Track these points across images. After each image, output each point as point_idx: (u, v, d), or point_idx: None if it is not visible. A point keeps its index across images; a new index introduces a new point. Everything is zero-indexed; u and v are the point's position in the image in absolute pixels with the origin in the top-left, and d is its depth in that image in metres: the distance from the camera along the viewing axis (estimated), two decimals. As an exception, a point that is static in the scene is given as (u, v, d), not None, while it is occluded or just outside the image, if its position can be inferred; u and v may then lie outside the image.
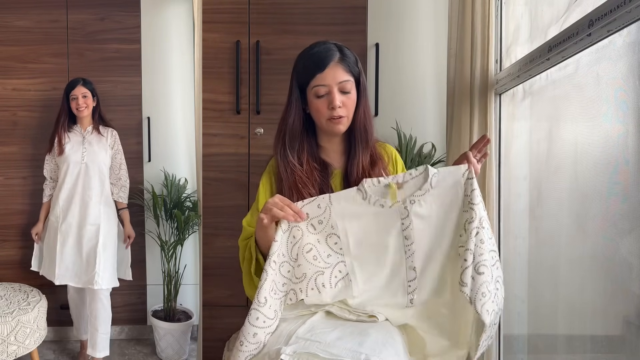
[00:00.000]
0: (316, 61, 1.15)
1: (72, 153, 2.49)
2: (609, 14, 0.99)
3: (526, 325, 1.63)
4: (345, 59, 1.16)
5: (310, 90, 1.17)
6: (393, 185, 1.10)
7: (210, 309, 2.12)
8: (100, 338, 2.48)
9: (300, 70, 1.19)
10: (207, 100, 2.08)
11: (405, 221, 1.10)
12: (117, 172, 2.59)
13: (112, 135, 2.58)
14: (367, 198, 1.11)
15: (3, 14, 2.77)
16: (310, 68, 1.15)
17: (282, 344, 1.02)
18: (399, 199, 1.10)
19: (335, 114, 1.15)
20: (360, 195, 1.11)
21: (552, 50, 1.25)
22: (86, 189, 2.48)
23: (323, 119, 1.18)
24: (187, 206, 2.76)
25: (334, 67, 1.14)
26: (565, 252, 1.42)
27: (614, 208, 1.17)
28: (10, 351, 2.13)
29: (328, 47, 1.17)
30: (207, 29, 2.07)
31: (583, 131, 1.30)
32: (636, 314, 1.10)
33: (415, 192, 1.10)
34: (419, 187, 1.10)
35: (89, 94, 2.50)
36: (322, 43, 1.19)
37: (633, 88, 1.07)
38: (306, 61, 1.18)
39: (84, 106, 2.48)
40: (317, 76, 1.15)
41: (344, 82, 1.15)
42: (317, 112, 1.18)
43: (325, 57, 1.15)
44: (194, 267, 2.93)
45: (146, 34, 2.87)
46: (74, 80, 2.50)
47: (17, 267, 2.82)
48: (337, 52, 1.16)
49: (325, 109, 1.16)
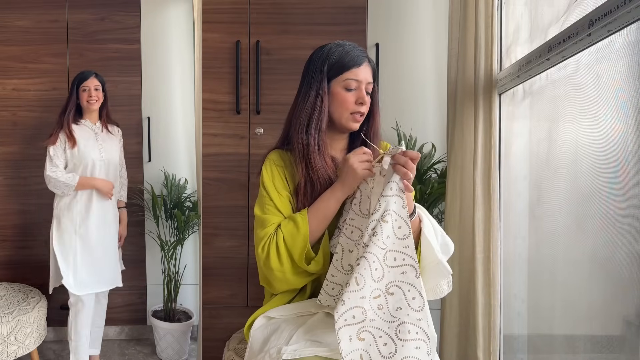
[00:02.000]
0: (354, 56, 1.19)
1: (89, 150, 2.36)
2: (609, 14, 0.99)
3: (526, 325, 1.63)
4: (370, 65, 1.22)
5: (340, 82, 1.19)
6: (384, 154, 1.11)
7: (210, 309, 2.12)
8: (97, 337, 2.49)
9: (335, 61, 1.20)
10: (207, 100, 2.08)
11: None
12: (120, 170, 2.56)
13: (118, 132, 2.56)
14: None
15: (3, 14, 2.77)
16: (347, 60, 1.19)
17: (283, 343, 1.02)
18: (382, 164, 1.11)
19: (362, 109, 1.20)
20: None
21: (552, 50, 1.25)
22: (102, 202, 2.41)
23: (346, 113, 1.20)
24: (187, 206, 2.76)
25: (366, 67, 1.20)
26: (565, 252, 1.42)
27: (614, 208, 1.17)
28: (10, 351, 2.14)
29: (361, 48, 1.23)
30: (207, 29, 2.07)
31: (583, 131, 1.30)
32: (636, 314, 1.11)
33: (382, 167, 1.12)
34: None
35: (100, 87, 2.42)
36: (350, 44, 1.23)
37: (633, 88, 1.07)
38: (343, 54, 1.20)
39: (96, 99, 2.38)
40: (353, 70, 1.18)
41: (370, 84, 1.21)
42: (342, 105, 1.20)
43: (361, 56, 1.20)
44: (194, 267, 2.93)
45: (146, 34, 2.87)
46: (86, 72, 2.41)
47: (17, 267, 2.82)
48: (365, 57, 1.22)
49: (352, 103, 1.19)
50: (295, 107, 1.24)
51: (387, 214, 1.01)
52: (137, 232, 2.87)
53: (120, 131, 2.59)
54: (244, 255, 2.12)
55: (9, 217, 2.83)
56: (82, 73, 2.41)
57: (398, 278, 1.00)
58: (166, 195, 2.76)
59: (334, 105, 1.21)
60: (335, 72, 1.20)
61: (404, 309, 0.98)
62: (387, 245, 1.01)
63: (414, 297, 0.99)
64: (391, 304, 0.99)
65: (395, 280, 1.00)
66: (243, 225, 2.12)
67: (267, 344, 1.08)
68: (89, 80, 2.38)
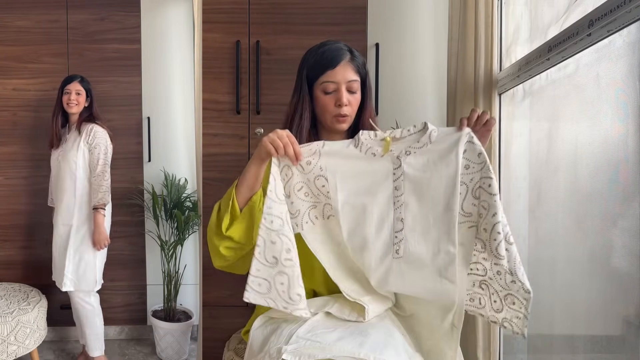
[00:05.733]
0: (328, 58, 1.17)
1: (54, 152, 2.50)
2: (609, 14, 0.99)
3: (526, 325, 1.63)
4: (354, 60, 1.19)
5: (319, 86, 1.19)
6: (388, 139, 1.10)
7: (210, 309, 2.11)
8: (90, 339, 2.47)
9: (311, 65, 1.20)
10: (207, 100, 2.08)
11: (397, 171, 1.10)
12: (94, 170, 2.39)
13: (91, 131, 2.40)
14: (359, 146, 1.11)
15: (3, 14, 2.77)
16: (322, 64, 1.17)
17: (283, 343, 1.02)
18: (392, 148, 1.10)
19: (342, 111, 1.17)
20: (353, 143, 1.11)
21: (552, 50, 1.25)
22: (58, 189, 2.44)
23: (329, 116, 1.19)
24: (187, 206, 2.76)
25: (345, 66, 1.17)
26: (565, 252, 1.42)
27: (614, 208, 1.17)
28: (10, 351, 2.14)
29: (339, 46, 1.20)
30: (207, 29, 2.07)
31: (583, 131, 1.30)
32: (636, 314, 1.11)
33: (412, 144, 1.10)
34: (417, 140, 1.10)
35: (82, 92, 2.44)
36: (333, 42, 1.21)
37: (633, 88, 1.07)
38: (318, 57, 1.19)
39: (75, 103, 2.42)
40: (327, 72, 1.17)
41: (352, 82, 1.18)
42: (324, 108, 1.19)
43: (337, 55, 1.17)
44: (194, 267, 2.93)
45: (146, 34, 2.87)
46: (72, 76, 2.47)
47: (17, 267, 2.82)
48: (348, 52, 1.19)
49: (332, 105, 1.18)
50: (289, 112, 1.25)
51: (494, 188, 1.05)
52: (137, 232, 2.88)
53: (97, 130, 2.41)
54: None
55: (9, 217, 2.83)
56: (68, 76, 2.48)
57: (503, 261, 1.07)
58: (166, 195, 2.76)
59: (317, 108, 1.21)
60: (313, 76, 1.19)
61: (517, 287, 1.09)
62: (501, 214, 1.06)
63: (526, 289, 1.10)
64: (508, 278, 1.09)
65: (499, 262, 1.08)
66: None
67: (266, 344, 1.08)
68: (72, 84, 2.44)
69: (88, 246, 2.40)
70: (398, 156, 1.10)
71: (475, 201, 1.07)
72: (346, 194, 1.11)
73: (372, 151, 1.10)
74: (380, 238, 1.11)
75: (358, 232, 1.11)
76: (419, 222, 1.09)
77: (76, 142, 2.41)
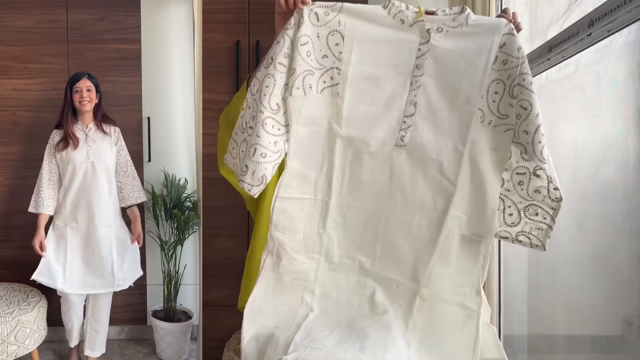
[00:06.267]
0: None
1: (76, 152, 2.36)
2: (609, 14, 0.99)
3: (526, 326, 1.63)
4: None
5: None
6: (422, 8, 0.98)
7: (210, 309, 2.12)
8: (101, 339, 2.49)
9: None
10: (207, 100, 2.08)
11: (422, 47, 0.98)
12: (124, 170, 2.49)
13: (115, 131, 2.49)
14: (389, 7, 0.98)
15: (3, 14, 2.77)
16: None
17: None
18: (424, 19, 0.98)
19: None
20: (383, 4, 0.99)
21: (552, 50, 1.25)
22: (94, 190, 2.37)
23: None
24: (187, 206, 2.76)
25: None
26: (565, 252, 1.42)
27: (614, 208, 1.16)
28: (10, 351, 2.14)
29: None
30: (207, 29, 2.07)
31: (583, 131, 1.30)
32: (636, 314, 1.10)
33: (447, 22, 0.98)
34: (453, 19, 0.99)
35: (93, 88, 2.40)
36: None
37: (633, 88, 1.07)
38: None
39: (87, 100, 2.36)
40: None
41: None
42: None
43: None
44: (194, 267, 2.93)
45: (146, 34, 2.87)
46: (78, 73, 2.41)
47: (17, 267, 2.82)
48: None
49: None
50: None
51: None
52: (137, 232, 2.87)
53: (118, 130, 2.52)
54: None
55: (9, 217, 2.83)
56: (75, 74, 2.41)
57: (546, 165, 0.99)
58: (166, 195, 2.76)
59: None
60: None
61: (542, 193, 1.01)
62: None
63: (555, 188, 1.01)
64: (532, 185, 1.01)
65: (542, 167, 0.99)
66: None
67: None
68: (81, 82, 2.37)
69: (128, 243, 2.47)
70: (428, 30, 0.98)
71: (513, 101, 0.98)
72: (361, 59, 0.99)
73: (402, 16, 0.98)
74: (385, 119, 1.00)
75: (362, 109, 1.01)
76: (433, 110, 0.99)
77: (106, 141, 2.43)
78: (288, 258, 1.09)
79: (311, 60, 0.98)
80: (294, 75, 0.97)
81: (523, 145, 0.98)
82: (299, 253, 1.09)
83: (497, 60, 0.98)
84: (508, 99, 0.98)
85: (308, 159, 1.04)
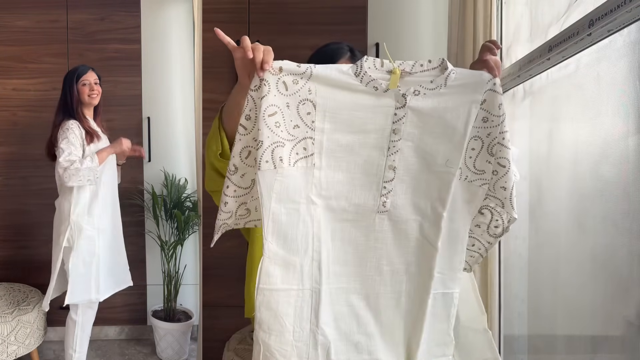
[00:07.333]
0: (329, 54, 1.21)
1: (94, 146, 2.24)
2: (609, 13, 0.99)
3: (526, 326, 1.63)
4: (354, 58, 1.21)
5: None
6: (397, 71, 0.92)
7: (210, 309, 2.11)
8: None
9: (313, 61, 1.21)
10: (207, 100, 2.08)
11: (399, 112, 0.94)
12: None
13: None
14: (360, 76, 0.92)
15: (3, 14, 2.77)
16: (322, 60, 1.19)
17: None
18: (399, 85, 0.93)
19: None
20: (353, 70, 0.92)
21: (552, 50, 1.25)
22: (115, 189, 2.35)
23: None
24: (187, 206, 2.76)
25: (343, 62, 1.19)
26: (565, 252, 1.42)
27: (614, 208, 1.16)
28: (10, 351, 2.14)
29: (341, 45, 1.24)
30: (207, 29, 2.07)
31: (583, 131, 1.30)
32: (636, 314, 1.10)
33: (424, 84, 0.94)
34: (430, 80, 0.94)
35: (98, 82, 2.33)
36: (336, 42, 1.26)
37: (633, 88, 1.07)
38: (320, 54, 1.23)
39: (96, 93, 2.27)
40: None
41: None
42: None
43: (336, 54, 1.21)
44: (194, 267, 2.93)
45: (146, 34, 2.87)
46: (82, 67, 2.32)
47: (17, 267, 2.82)
48: (348, 51, 1.22)
49: None
50: None
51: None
52: (137, 232, 2.87)
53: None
54: (244, 255, 2.11)
55: (9, 217, 2.83)
56: (78, 68, 2.31)
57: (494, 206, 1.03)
58: (166, 195, 2.76)
59: None
60: None
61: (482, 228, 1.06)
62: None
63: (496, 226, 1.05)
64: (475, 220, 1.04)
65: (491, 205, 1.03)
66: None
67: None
68: (88, 74, 2.28)
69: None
70: (404, 94, 0.93)
71: (491, 158, 0.97)
72: (334, 127, 0.94)
73: (375, 84, 0.93)
74: (364, 185, 0.97)
75: (339, 177, 0.96)
76: (412, 172, 0.98)
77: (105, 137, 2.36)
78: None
79: (281, 132, 0.92)
80: (262, 148, 0.90)
81: (500, 200, 1.01)
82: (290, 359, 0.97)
83: (477, 118, 0.96)
84: (486, 156, 0.98)
85: (289, 242, 0.95)
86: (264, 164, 0.91)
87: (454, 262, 1.03)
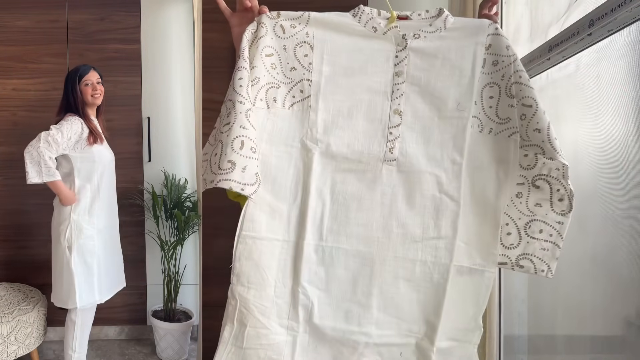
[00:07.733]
0: None
1: (104, 149, 2.25)
2: (610, 13, 0.99)
3: (526, 326, 1.63)
4: None
5: None
6: (394, 13, 0.90)
7: (210, 309, 2.11)
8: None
9: None
10: (207, 100, 2.08)
11: (400, 54, 0.90)
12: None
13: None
14: (359, 16, 0.91)
15: (3, 14, 2.77)
16: None
17: None
18: (397, 25, 0.90)
19: None
20: (351, 12, 0.91)
21: (552, 50, 1.25)
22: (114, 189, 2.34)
23: None
24: (187, 206, 2.76)
25: None
26: (565, 252, 1.42)
27: (614, 208, 1.16)
28: (10, 351, 2.14)
29: None
30: (207, 29, 2.07)
31: (583, 131, 1.30)
32: (636, 314, 1.10)
33: (423, 27, 0.91)
34: (429, 24, 0.91)
35: (100, 81, 2.31)
36: None
37: (633, 88, 1.07)
38: None
39: (99, 93, 2.25)
40: None
41: None
42: None
43: None
44: (194, 267, 2.93)
45: (146, 34, 2.87)
46: (84, 66, 2.29)
47: (17, 267, 2.82)
48: None
49: None
50: None
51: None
52: (137, 232, 2.88)
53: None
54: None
55: (9, 217, 2.83)
56: (80, 68, 2.28)
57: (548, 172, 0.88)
58: (166, 195, 2.76)
59: None
60: None
61: (544, 207, 0.90)
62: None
63: (560, 199, 0.90)
64: (532, 198, 0.90)
65: (544, 173, 0.89)
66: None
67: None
68: (91, 74, 2.26)
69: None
70: (404, 36, 0.90)
71: (512, 101, 0.89)
72: (333, 69, 0.90)
73: (373, 24, 0.90)
74: (368, 131, 0.90)
75: (339, 122, 0.89)
76: (421, 119, 0.90)
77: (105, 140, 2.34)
78: (255, 324, 0.89)
79: (277, 74, 0.90)
80: (257, 84, 0.89)
81: (538, 146, 0.88)
82: (269, 318, 0.89)
83: (486, 63, 0.91)
84: (507, 100, 0.89)
85: (278, 187, 0.89)
86: (258, 102, 0.89)
87: (483, 233, 0.90)
